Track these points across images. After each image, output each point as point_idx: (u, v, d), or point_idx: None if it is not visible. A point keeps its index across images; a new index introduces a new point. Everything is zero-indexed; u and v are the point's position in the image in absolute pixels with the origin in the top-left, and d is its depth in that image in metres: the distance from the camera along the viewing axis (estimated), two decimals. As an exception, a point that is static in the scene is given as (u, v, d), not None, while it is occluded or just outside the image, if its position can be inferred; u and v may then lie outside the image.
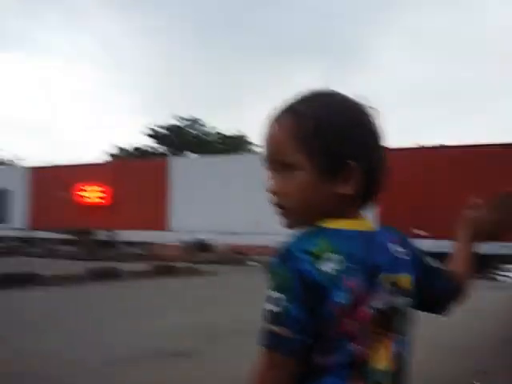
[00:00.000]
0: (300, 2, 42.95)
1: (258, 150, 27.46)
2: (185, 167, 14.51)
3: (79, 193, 13.78)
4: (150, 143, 29.80)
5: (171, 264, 8.66)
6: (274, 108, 0.61)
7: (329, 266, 0.53)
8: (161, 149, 29.29)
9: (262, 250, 12.10)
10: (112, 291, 6.27)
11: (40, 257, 11.92)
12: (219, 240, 12.77)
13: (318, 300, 0.52)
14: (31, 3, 47.08)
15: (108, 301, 5.46)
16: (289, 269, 0.52)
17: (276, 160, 0.59)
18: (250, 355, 2.61)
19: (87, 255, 11.13)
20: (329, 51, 46.79)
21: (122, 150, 29.53)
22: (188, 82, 45.80)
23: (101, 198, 13.11)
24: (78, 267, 7.23)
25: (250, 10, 45.75)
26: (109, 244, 13.90)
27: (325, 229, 0.56)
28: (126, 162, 20.99)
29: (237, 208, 13.10)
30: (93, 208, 13.29)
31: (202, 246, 12.87)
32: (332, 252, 0.53)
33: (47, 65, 49.52)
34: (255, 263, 11.23)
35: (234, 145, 28.69)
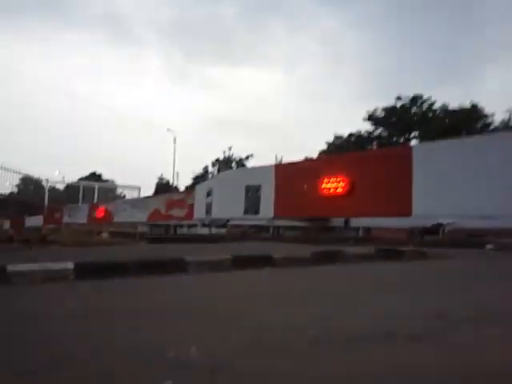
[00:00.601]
0: None
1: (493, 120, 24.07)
2: (430, 152, 14.05)
3: (317, 184, 14.90)
4: (368, 128, 29.46)
5: (396, 248, 8.43)
6: None
7: None
8: (380, 132, 28.65)
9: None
10: (336, 272, 6.45)
11: (268, 241, 13.18)
12: (461, 224, 11.85)
13: None
14: (255, 16, 52.52)
15: (335, 281, 5.62)
16: None
17: None
18: (493, 343, 2.29)
19: (312, 239, 11.77)
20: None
21: (337, 138, 30.16)
22: (408, 61, 44.07)
23: (339, 187, 13.89)
24: (304, 251, 7.66)
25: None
26: (336, 229, 14.45)
27: None
28: (367, 151, 21.34)
29: (492, 190, 11.92)
30: (331, 198, 14.16)
31: (433, 230, 12.23)
32: None
33: (271, 70, 54.80)
34: (491, 247, 10.08)
35: (463, 119, 25.83)
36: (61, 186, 24.99)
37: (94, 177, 48.26)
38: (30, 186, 23.70)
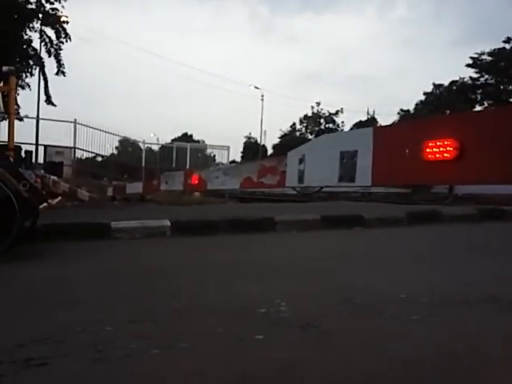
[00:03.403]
0: None
1: None
2: None
3: (421, 148, 14.19)
4: (471, 74, 26.62)
5: (501, 208, 7.79)
6: None
7: None
8: (486, 79, 25.80)
9: None
10: (434, 234, 6.13)
11: (357, 201, 12.88)
12: None
13: None
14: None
15: (430, 243, 5.35)
16: None
17: None
18: None
19: (404, 199, 11.26)
20: None
21: (437, 86, 27.80)
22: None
23: (445, 152, 13.07)
24: (398, 210, 7.35)
25: None
26: (430, 192, 13.58)
27: None
28: (477, 111, 19.68)
29: None
30: (436, 163, 13.42)
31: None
32: None
33: (362, 15, 51.13)
34: None
35: None
36: (156, 147, 26.37)
37: (186, 137, 50.23)
38: (128, 147, 25.30)
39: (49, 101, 18.31)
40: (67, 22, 17.01)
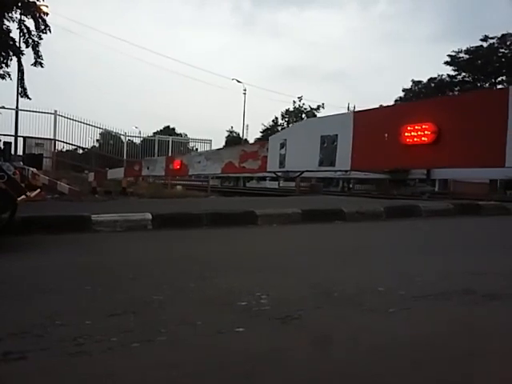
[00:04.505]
0: None
1: None
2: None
3: (399, 132, 14.21)
4: (449, 72, 27.08)
5: (476, 202, 7.97)
6: None
7: None
8: (463, 76, 26.22)
9: None
10: (410, 228, 6.24)
11: (337, 195, 13.00)
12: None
13: None
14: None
15: (407, 237, 5.44)
16: None
17: None
18: None
19: (383, 193, 11.43)
20: None
21: (415, 82, 28.27)
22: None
23: (423, 136, 13.11)
24: (377, 205, 7.46)
25: None
26: (410, 183, 13.75)
27: None
28: (454, 96, 19.90)
29: None
30: (414, 147, 13.44)
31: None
32: None
33: (343, 11, 51.68)
34: None
35: None
36: (137, 140, 26.09)
37: (168, 130, 49.86)
38: (109, 140, 24.97)
39: (24, 93, 17.77)
40: (47, 14, 16.57)
